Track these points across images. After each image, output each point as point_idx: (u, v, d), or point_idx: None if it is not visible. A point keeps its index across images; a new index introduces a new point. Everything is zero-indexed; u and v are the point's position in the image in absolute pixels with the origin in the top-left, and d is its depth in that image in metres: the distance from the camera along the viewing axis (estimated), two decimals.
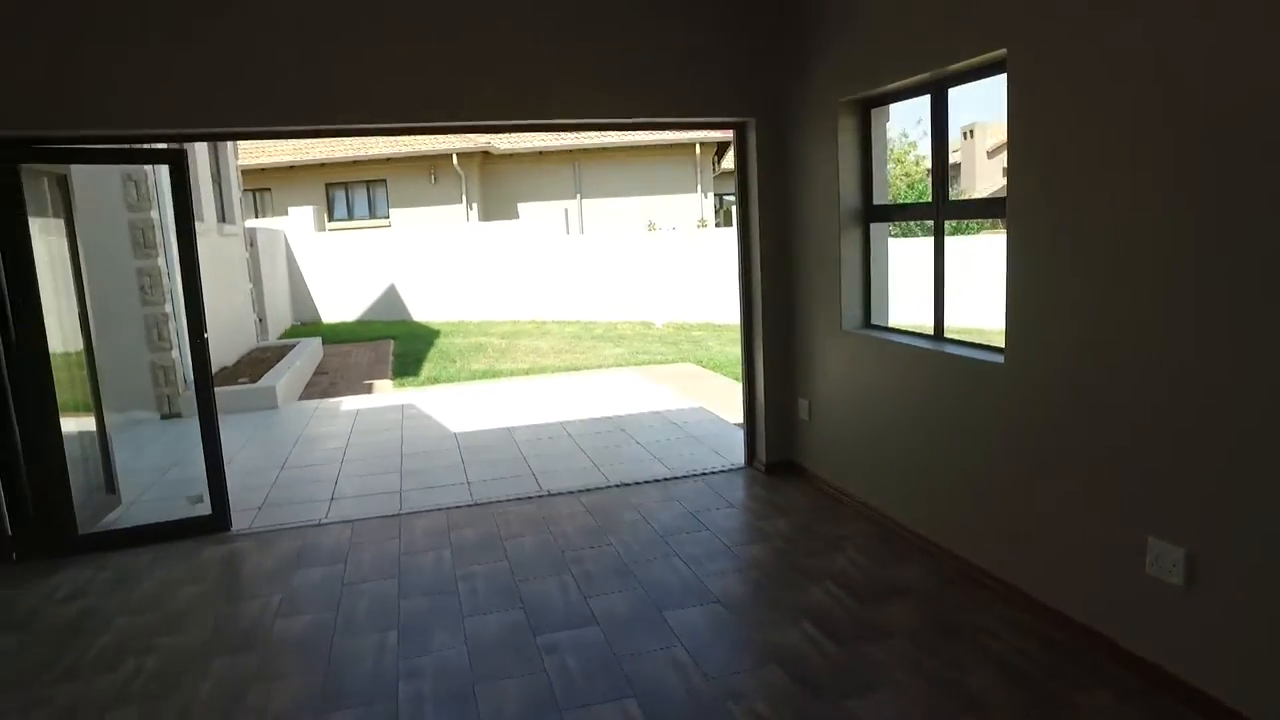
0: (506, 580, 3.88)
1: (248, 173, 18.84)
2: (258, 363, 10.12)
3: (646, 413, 7.44)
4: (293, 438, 7.08)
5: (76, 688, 3.10)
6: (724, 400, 8.08)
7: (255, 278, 12.83)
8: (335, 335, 14.79)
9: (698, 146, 20.43)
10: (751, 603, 3.59)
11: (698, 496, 4.98)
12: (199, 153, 9.68)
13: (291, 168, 19.09)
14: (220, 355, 9.90)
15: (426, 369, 11.11)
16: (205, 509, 4.70)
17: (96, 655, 3.34)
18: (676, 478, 5.38)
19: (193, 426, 7.68)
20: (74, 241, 4.94)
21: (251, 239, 12.95)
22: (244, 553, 4.39)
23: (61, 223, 4.89)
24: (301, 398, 9.43)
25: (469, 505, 5.02)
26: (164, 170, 7.61)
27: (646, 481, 5.32)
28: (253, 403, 8.32)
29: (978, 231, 16.94)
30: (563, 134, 20.12)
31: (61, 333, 4.99)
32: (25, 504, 4.40)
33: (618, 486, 5.26)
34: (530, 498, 5.11)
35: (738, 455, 5.73)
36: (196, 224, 9.40)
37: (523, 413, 7.68)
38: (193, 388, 8.34)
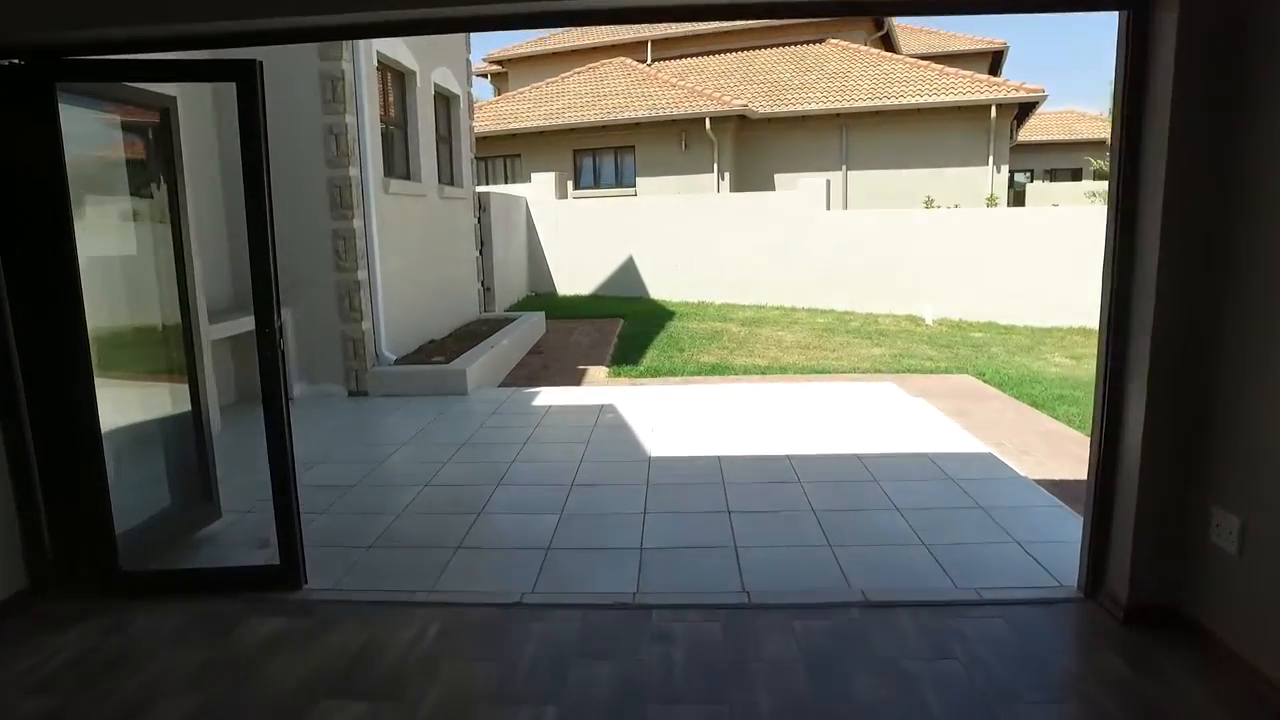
0: None
1: (498, 138, 18.70)
2: (467, 337, 9.23)
3: (909, 453, 5.29)
4: (460, 439, 5.85)
5: None
6: (1020, 438, 5.73)
7: (485, 245, 12.16)
8: (564, 309, 13.89)
9: (994, 109, 16.98)
10: None
11: (998, 656, 2.85)
12: (421, 112, 8.86)
13: (541, 133, 18.57)
14: (432, 327, 9.13)
15: (649, 357, 9.69)
16: (274, 556, 3.44)
17: None
18: (958, 603, 3.26)
19: (374, 408, 6.87)
20: (175, 194, 3.90)
21: (483, 204, 12.25)
22: (284, 643, 3.01)
23: (158, 171, 3.88)
24: (504, 382, 8.37)
25: (623, 605, 3.30)
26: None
27: (907, 604, 3.27)
28: (440, 386, 7.30)
29: None
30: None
31: (160, 306, 4.03)
32: (67, 529, 3.41)
33: (860, 605, 3.26)
34: (720, 606, 3.27)
35: (1064, 562, 3.46)
36: (411, 185, 8.79)
37: (743, 432, 5.88)
38: (384, 362, 7.59)
